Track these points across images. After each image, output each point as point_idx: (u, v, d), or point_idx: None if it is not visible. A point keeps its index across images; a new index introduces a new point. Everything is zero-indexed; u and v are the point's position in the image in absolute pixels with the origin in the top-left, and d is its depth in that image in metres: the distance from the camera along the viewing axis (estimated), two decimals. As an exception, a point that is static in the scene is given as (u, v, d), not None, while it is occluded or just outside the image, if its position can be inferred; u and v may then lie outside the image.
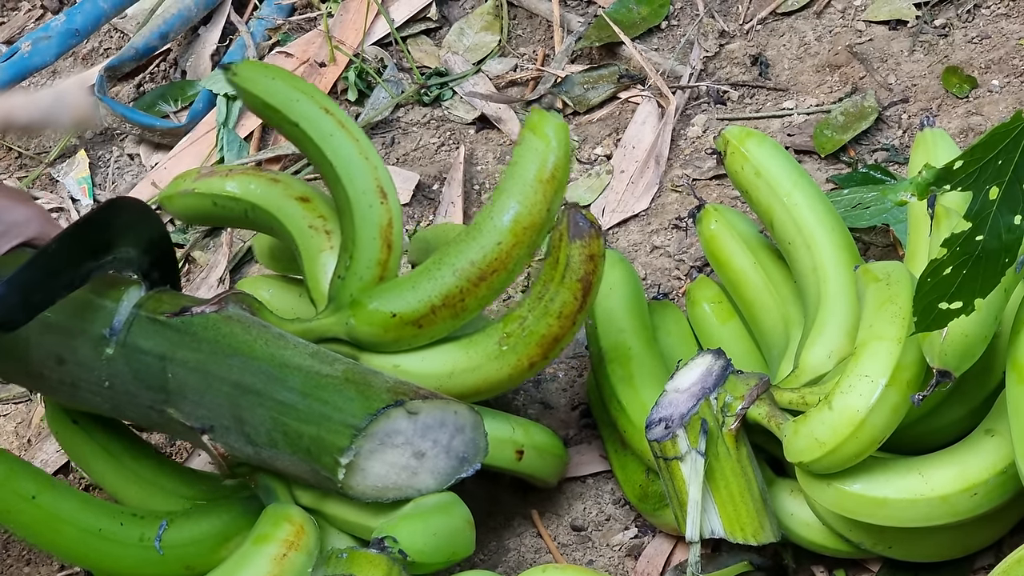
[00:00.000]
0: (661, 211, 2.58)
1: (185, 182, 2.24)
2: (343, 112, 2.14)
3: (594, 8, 2.89)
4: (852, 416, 1.85)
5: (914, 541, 1.98)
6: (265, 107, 2.14)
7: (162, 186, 2.78)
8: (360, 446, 1.85)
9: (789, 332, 2.17)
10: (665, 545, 2.16)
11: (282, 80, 2.15)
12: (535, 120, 2.03)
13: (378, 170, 2.10)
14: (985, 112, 2.56)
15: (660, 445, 1.96)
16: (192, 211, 2.25)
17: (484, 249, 2.01)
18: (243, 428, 1.91)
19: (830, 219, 2.16)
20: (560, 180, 2.02)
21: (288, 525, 1.90)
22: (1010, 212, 1.62)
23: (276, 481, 1.97)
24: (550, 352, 2.04)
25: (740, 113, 2.69)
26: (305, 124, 2.11)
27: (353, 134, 2.11)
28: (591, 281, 2.02)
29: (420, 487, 1.90)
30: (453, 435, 1.92)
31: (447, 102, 2.82)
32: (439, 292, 2.01)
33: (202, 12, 3.06)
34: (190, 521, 1.99)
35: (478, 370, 2.04)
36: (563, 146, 2.02)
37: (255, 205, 2.18)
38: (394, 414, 1.86)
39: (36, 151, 2.96)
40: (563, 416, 2.35)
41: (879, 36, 2.73)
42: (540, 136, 2.02)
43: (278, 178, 2.21)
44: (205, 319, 1.97)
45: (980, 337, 1.82)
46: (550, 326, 2.02)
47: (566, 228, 2.00)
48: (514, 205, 2.01)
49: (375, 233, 2.06)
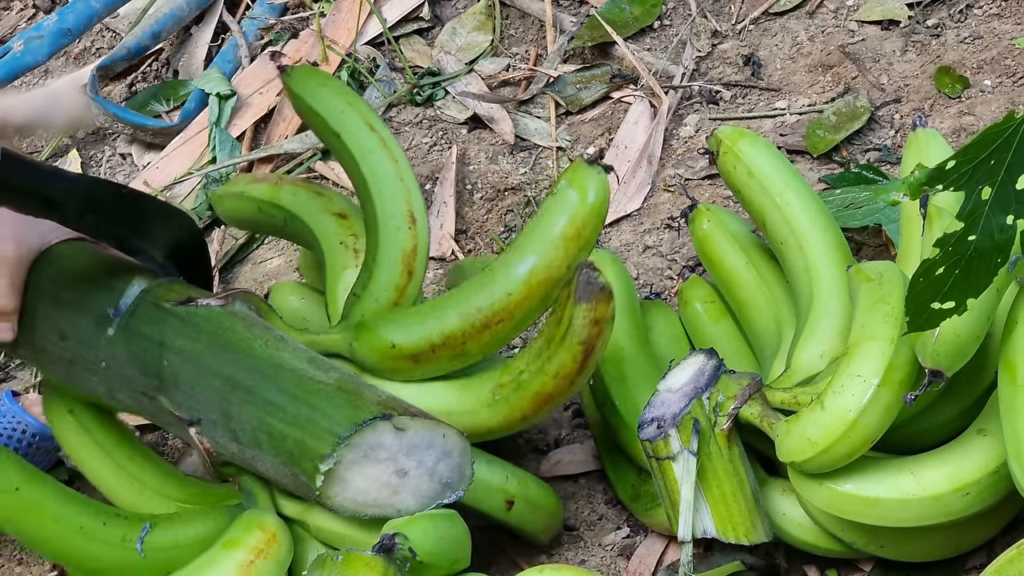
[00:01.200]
0: (653, 211, 2.58)
1: (238, 185, 2.25)
2: (388, 131, 2.12)
3: (587, 8, 2.89)
4: (844, 416, 1.85)
5: (906, 541, 1.98)
6: (311, 112, 2.13)
7: (155, 186, 2.78)
8: (342, 455, 1.82)
9: (781, 332, 2.17)
10: (657, 545, 2.16)
11: (332, 89, 2.13)
12: (575, 172, 1.94)
13: (412, 194, 2.08)
14: (977, 112, 2.56)
15: (652, 445, 1.96)
16: (238, 213, 2.26)
17: (492, 297, 1.95)
18: (230, 424, 1.90)
19: (822, 219, 2.16)
20: (587, 239, 1.93)
21: (260, 532, 1.88)
22: (1002, 212, 1.63)
23: (259, 486, 1.96)
24: (544, 408, 1.98)
25: (732, 113, 2.69)
26: (347, 137, 2.10)
27: (393, 154, 2.10)
28: (594, 346, 1.92)
29: (400, 507, 1.86)
30: (439, 458, 1.87)
31: (439, 102, 2.82)
32: (440, 332, 1.97)
33: (194, 12, 3.06)
34: (174, 525, 1.97)
35: (471, 415, 1.99)
36: (598, 204, 1.93)
37: (294, 215, 2.19)
38: (380, 427, 1.83)
39: (28, 150, 2.95)
40: (556, 416, 2.35)
41: (871, 36, 2.73)
42: (576, 189, 1.93)
43: (323, 192, 2.21)
44: (209, 311, 1.97)
45: (972, 337, 1.82)
46: (544, 384, 1.95)
47: (574, 288, 1.90)
48: (532, 258, 1.94)
49: (397, 257, 2.04)
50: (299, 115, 2.18)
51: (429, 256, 2.59)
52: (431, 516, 1.86)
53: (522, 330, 1.99)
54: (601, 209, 1.94)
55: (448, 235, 2.61)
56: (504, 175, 2.69)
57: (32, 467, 1.98)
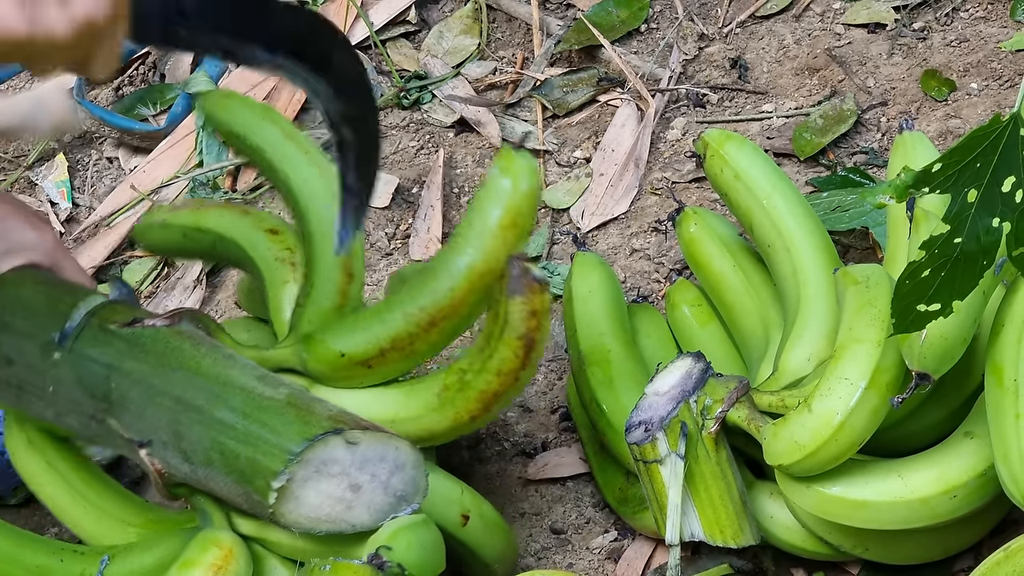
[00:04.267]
0: (640, 214, 2.58)
1: (157, 214, 2.25)
2: (307, 138, 2.12)
3: (573, 11, 2.89)
4: (831, 419, 1.85)
5: (894, 543, 1.98)
6: (230, 135, 2.15)
7: (142, 189, 2.78)
8: (294, 471, 1.79)
9: (769, 335, 2.17)
10: (645, 548, 2.16)
11: (248, 108, 2.14)
12: (503, 160, 1.90)
13: None
14: (964, 115, 2.56)
15: (640, 448, 1.96)
16: (164, 243, 2.26)
17: (435, 295, 1.92)
18: (181, 444, 1.87)
19: (809, 222, 2.16)
20: (523, 227, 1.90)
21: (216, 549, 1.85)
22: (988, 215, 1.63)
23: (213, 506, 1.92)
24: (491, 406, 1.95)
25: (719, 116, 2.69)
26: (268, 150, 2.10)
27: (316, 160, 2.09)
28: (534, 339, 1.90)
29: (354, 522, 1.84)
30: (392, 471, 1.84)
31: (426, 105, 2.81)
32: (387, 335, 1.95)
33: (181, 15, 3.05)
34: (132, 555, 1.95)
35: (419, 420, 1.98)
36: (531, 190, 1.90)
37: (223, 236, 2.17)
38: (332, 442, 1.80)
39: (15, 154, 2.95)
40: (542, 419, 2.35)
41: (858, 39, 2.73)
42: (507, 177, 1.89)
43: (249, 211, 2.21)
44: (155, 332, 1.94)
45: (959, 339, 1.82)
46: (489, 383, 1.93)
47: (507, 282, 1.87)
48: (471, 251, 1.90)
49: (335, 261, 2.03)
50: (223, 138, 2.19)
51: (416, 260, 2.60)
52: (408, 527, 1.84)
53: (470, 324, 1.97)
54: (534, 195, 1.90)
55: (435, 239, 2.61)
56: (491, 178, 2.69)
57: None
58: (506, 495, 2.27)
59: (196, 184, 2.75)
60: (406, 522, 1.84)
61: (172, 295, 2.62)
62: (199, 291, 2.63)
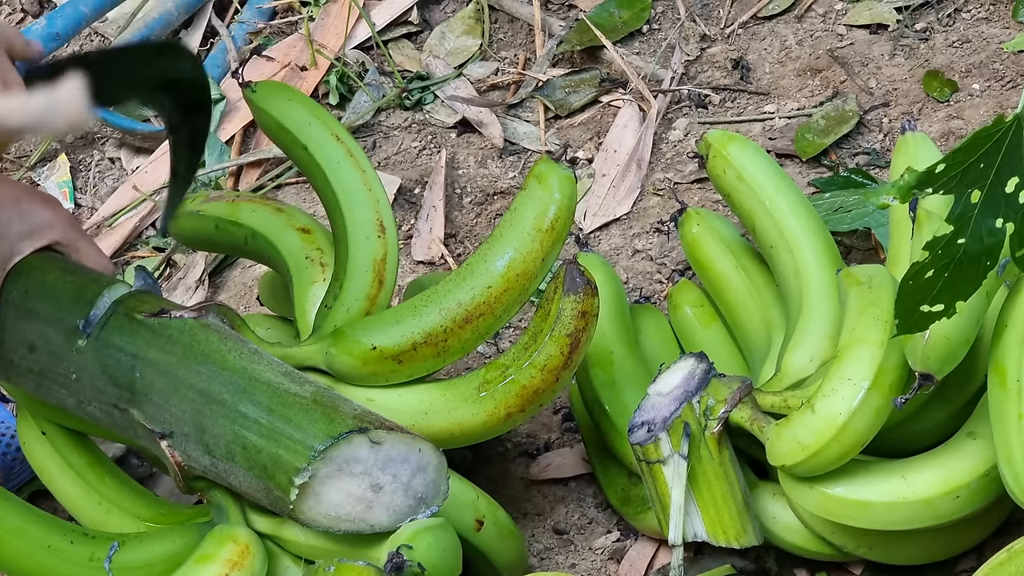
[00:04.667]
0: (643, 215, 2.58)
1: (193, 204, 2.24)
2: (355, 142, 2.13)
3: (575, 12, 2.90)
4: (834, 419, 1.85)
5: (897, 544, 1.98)
6: (278, 128, 2.14)
7: (144, 189, 2.78)
8: (317, 468, 1.79)
9: (771, 336, 2.17)
10: (648, 548, 2.16)
11: (298, 103, 2.14)
12: (541, 169, 2.00)
13: (380, 203, 2.08)
14: (966, 116, 2.56)
15: (642, 448, 1.96)
16: (196, 233, 2.25)
17: (473, 291, 1.98)
18: (203, 437, 1.87)
19: (812, 223, 2.16)
20: (559, 232, 1.99)
21: (232, 545, 1.85)
22: (991, 215, 1.63)
23: (230, 500, 1.92)
24: (528, 405, 1.99)
25: (721, 117, 2.69)
26: (313, 148, 2.11)
27: (360, 164, 2.10)
28: (580, 339, 1.98)
29: (373, 522, 1.83)
30: (414, 473, 1.84)
31: (428, 106, 2.82)
32: (422, 330, 1.98)
33: (183, 16, 3.05)
34: (142, 544, 1.94)
35: (452, 412, 1.99)
36: (567, 198, 1.99)
37: (256, 232, 2.18)
38: (356, 440, 1.80)
39: (17, 155, 2.95)
40: (545, 419, 2.35)
41: (860, 40, 2.73)
42: (544, 186, 1.99)
43: (283, 208, 2.21)
44: (183, 323, 1.95)
45: (962, 340, 1.82)
46: (532, 378, 1.98)
47: (562, 281, 1.97)
48: (510, 251, 1.98)
49: (368, 266, 2.04)
50: (265, 131, 2.18)
51: (418, 261, 2.60)
52: (429, 528, 1.84)
53: (502, 324, 2.01)
54: (571, 203, 2.00)
55: (437, 239, 2.61)
56: (493, 179, 2.69)
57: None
58: (509, 495, 2.27)
59: (198, 184, 2.75)
60: (427, 523, 1.84)
61: (175, 295, 2.62)
62: (201, 291, 2.63)
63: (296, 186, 2.75)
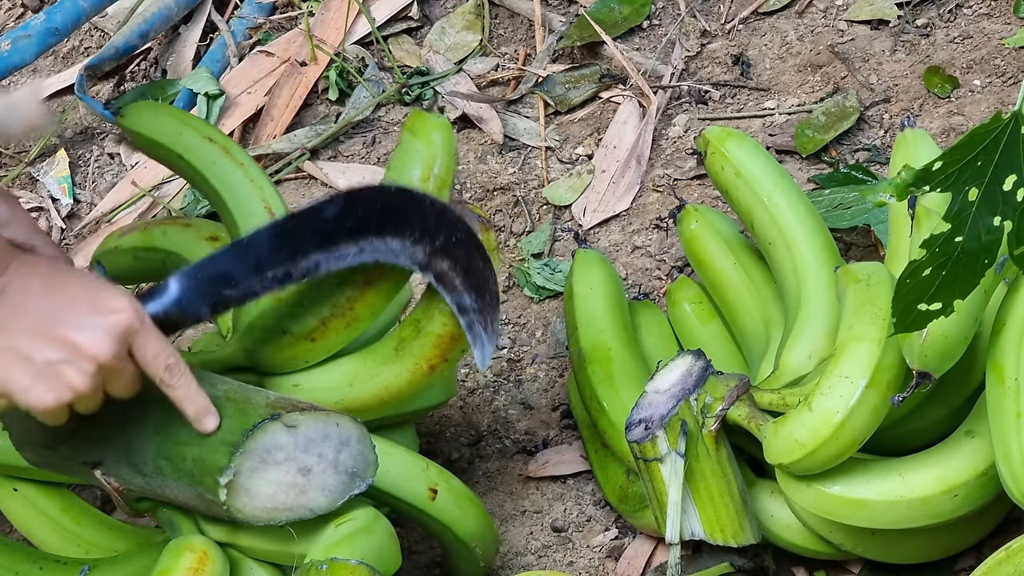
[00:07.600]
0: (642, 211, 2.58)
1: (108, 242, 2.26)
2: (229, 140, 2.13)
3: (576, 7, 2.89)
4: (832, 417, 1.85)
5: (895, 543, 1.98)
6: (152, 144, 2.14)
7: (143, 185, 2.78)
8: (240, 464, 1.79)
9: (769, 333, 2.17)
10: (646, 546, 2.15)
11: (167, 115, 2.15)
12: (415, 123, 1.97)
13: (264, 191, 2.08)
14: (967, 112, 2.56)
15: (640, 446, 1.96)
16: (122, 268, 2.26)
17: None
18: (131, 459, 1.87)
19: (811, 219, 2.16)
20: (444, 181, 1.96)
21: (190, 553, 1.85)
22: (989, 213, 1.62)
23: (179, 514, 1.92)
24: (448, 352, 1.98)
25: (721, 113, 2.68)
26: (188, 155, 2.11)
27: (238, 158, 2.11)
28: None
29: (311, 506, 1.84)
30: (339, 448, 1.84)
31: (428, 101, 2.81)
32: (327, 301, 1.97)
33: (183, 11, 3.05)
34: (112, 567, 1.96)
35: (377, 378, 2.00)
36: (447, 148, 1.96)
37: (170, 252, 2.19)
38: (271, 428, 1.80)
39: (16, 150, 2.95)
40: (543, 417, 2.34)
41: (861, 36, 2.73)
42: (423, 138, 1.96)
43: (190, 223, 2.23)
44: None
45: (960, 338, 1.81)
46: (444, 325, 1.96)
47: None
48: None
49: None
50: (143, 151, 2.20)
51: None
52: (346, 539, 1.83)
53: (405, 281, 2.00)
54: (452, 149, 1.97)
55: (436, 235, 2.60)
56: (493, 175, 2.69)
57: None
58: (507, 493, 2.27)
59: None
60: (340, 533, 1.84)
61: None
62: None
63: (295, 182, 2.75)
